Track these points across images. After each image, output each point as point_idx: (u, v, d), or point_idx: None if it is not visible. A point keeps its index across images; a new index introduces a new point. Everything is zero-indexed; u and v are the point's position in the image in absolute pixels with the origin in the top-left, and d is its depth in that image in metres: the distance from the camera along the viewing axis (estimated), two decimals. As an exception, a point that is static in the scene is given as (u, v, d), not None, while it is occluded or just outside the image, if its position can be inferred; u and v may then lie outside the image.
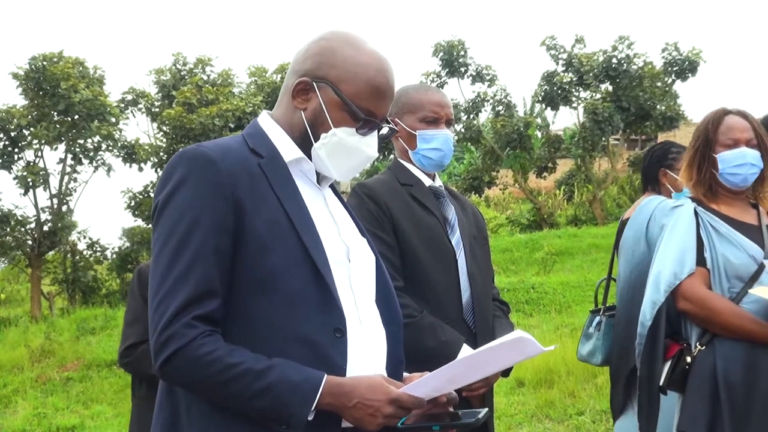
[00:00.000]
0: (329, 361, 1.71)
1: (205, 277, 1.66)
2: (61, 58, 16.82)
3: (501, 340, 1.76)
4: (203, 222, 1.67)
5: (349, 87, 1.83)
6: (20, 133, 16.78)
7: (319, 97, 1.83)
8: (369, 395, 1.67)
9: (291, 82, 1.88)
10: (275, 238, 1.72)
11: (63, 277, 17.49)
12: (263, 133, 1.88)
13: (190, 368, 1.63)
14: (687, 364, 2.86)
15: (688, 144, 3.09)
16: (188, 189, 1.70)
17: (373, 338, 1.85)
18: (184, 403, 1.71)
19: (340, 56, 1.84)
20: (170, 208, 1.70)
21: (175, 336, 1.63)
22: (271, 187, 1.77)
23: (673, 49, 19.92)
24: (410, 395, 1.71)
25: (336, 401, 1.66)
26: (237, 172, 1.73)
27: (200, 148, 1.75)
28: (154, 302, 1.67)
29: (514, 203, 25.41)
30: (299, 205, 1.79)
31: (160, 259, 1.69)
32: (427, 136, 2.86)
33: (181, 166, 1.73)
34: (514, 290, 11.37)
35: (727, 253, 2.85)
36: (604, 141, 19.96)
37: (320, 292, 1.73)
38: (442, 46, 20.05)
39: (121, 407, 8.72)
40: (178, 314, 1.63)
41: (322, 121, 1.84)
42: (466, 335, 2.72)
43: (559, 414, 6.38)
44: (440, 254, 2.78)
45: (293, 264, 1.72)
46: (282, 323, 1.70)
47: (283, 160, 1.84)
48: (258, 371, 1.63)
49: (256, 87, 19.43)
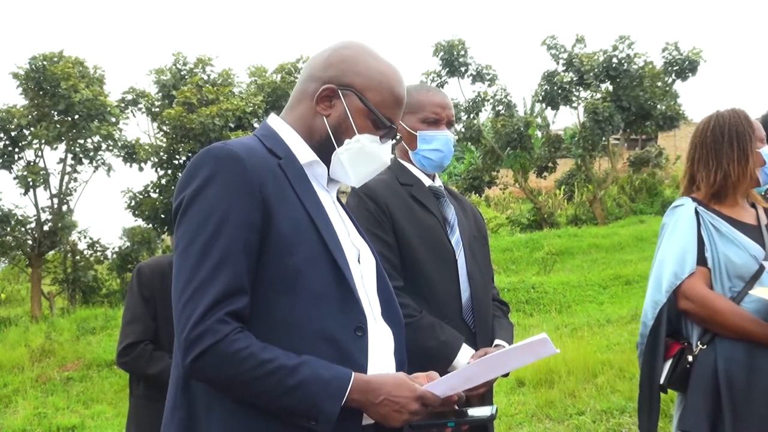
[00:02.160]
0: (351, 358, 1.73)
1: (236, 273, 1.67)
2: (62, 57, 16.82)
3: (526, 342, 1.80)
4: (233, 218, 1.68)
5: (375, 95, 1.88)
6: (20, 132, 16.78)
7: (344, 104, 1.87)
8: (396, 392, 1.70)
9: (312, 87, 1.90)
10: (299, 238, 1.74)
11: (63, 276, 17.50)
12: (277, 135, 1.90)
13: (224, 364, 1.63)
14: (688, 363, 2.87)
15: (702, 143, 3.03)
16: (216, 186, 1.70)
17: (385, 337, 1.88)
18: (203, 402, 1.71)
19: (363, 65, 1.88)
20: (197, 204, 1.71)
21: (208, 332, 1.62)
22: (292, 187, 1.79)
23: (674, 48, 19.93)
24: (433, 393, 1.74)
25: (363, 398, 1.69)
26: (262, 171, 1.75)
27: (227, 146, 1.76)
28: (182, 298, 1.66)
29: (515, 203, 25.42)
30: (319, 206, 1.82)
31: (188, 256, 1.68)
32: (428, 136, 2.86)
33: (208, 164, 1.73)
34: (514, 290, 11.37)
35: (729, 253, 2.85)
36: (604, 141, 19.97)
37: (341, 291, 1.76)
38: (442, 45, 20.06)
39: (122, 407, 8.71)
40: (210, 310, 1.63)
41: (347, 128, 1.88)
42: (465, 335, 2.72)
43: (559, 414, 6.37)
44: (440, 254, 2.78)
45: (316, 263, 1.74)
46: (305, 321, 1.71)
47: (299, 162, 1.86)
48: (290, 368, 1.64)
49: (256, 87, 19.42)
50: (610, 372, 7.01)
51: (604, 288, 11.44)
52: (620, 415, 6.04)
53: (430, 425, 1.79)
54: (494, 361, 1.86)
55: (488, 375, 1.90)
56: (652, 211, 20.19)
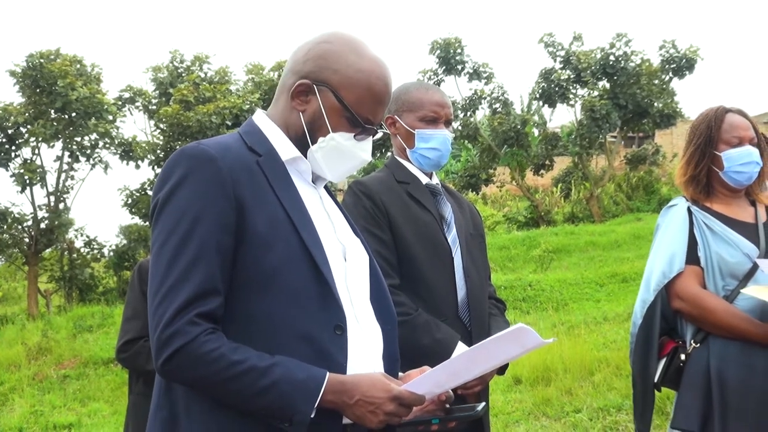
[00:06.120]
0: (330, 358, 1.71)
1: (208, 274, 1.66)
2: (59, 55, 16.80)
3: (502, 333, 1.76)
4: (205, 219, 1.67)
5: (350, 94, 1.83)
6: (17, 130, 16.77)
7: (319, 101, 1.84)
8: (370, 392, 1.68)
9: (290, 82, 1.87)
10: (275, 236, 1.72)
11: (60, 274, 17.48)
12: (260, 132, 1.88)
13: (194, 366, 1.62)
14: (681, 361, 2.88)
15: (686, 141, 3.09)
16: (189, 186, 1.69)
17: (370, 336, 1.85)
18: (183, 402, 1.70)
19: (342, 61, 1.84)
20: (171, 205, 1.70)
21: (178, 333, 1.62)
22: (270, 185, 1.77)
23: (671, 46, 19.97)
24: (411, 392, 1.71)
25: (338, 399, 1.67)
26: (237, 170, 1.73)
27: (200, 146, 1.75)
28: (155, 300, 1.66)
29: (512, 201, 25.44)
30: (298, 203, 1.80)
31: (161, 257, 1.68)
32: (426, 135, 2.86)
33: (182, 164, 1.72)
34: (511, 288, 11.37)
35: (722, 251, 2.85)
36: (601, 138, 20.01)
37: (320, 289, 1.74)
38: (438, 43, 20.07)
39: (118, 405, 8.70)
40: (180, 311, 1.63)
41: (321, 125, 1.84)
42: (461, 333, 2.72)
43: (556, 411, 6.38)
44: (436, 252, 2.78)
45: (293, 261, 1.72)
46: (283, 320, 1.70)
47: (280, 159, 1.84)
48: (262, 369, 1.63)
49: (253, 84, 19.42)
50: (606, 369, 7.02)
51: (601, 286, 11.45)
52: (617, 412, 6.05)
53: (416, 423, 1.77)
54: (476, 355, 1.80)
55: (475, 369, 1.84)
56: (649, 208, 20.22)
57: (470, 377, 1.87)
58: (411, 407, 1.73)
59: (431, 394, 1.77)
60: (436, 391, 1.78)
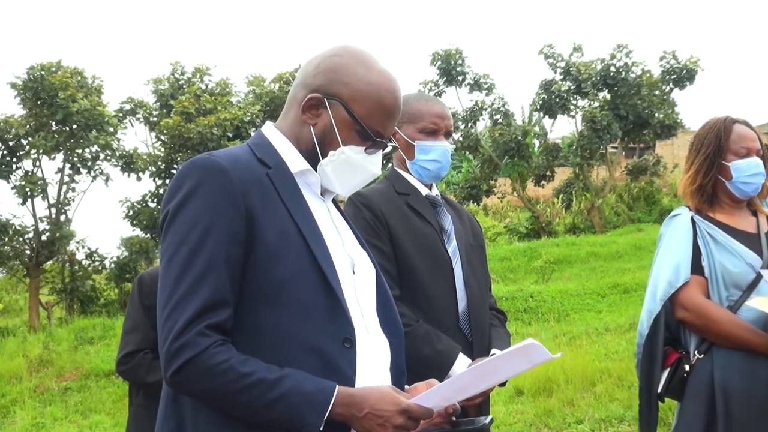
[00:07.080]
0: (339, 371, 1.71)
1: (218, 286, 1.65)
2: (60, 67, 16.86)
3: (512, 348, 1.77)
4: (215, 231, 1.67)
5: (360, 107, 1.83)
6: (18, 142, 16.81)
7: (330, 115, 1.84)
8: (379, 405, 1.67)
9: (301, 95, 1.87)
10: (285, 248, 1.72)
11: (61, 286, 17.49)
12: (269, 144, 1.88)
13: (203, 377, 1.62)
14: (685, 372, 2.87)
15: (691, 150, 3.08)
16: (200, 198, 1.69)
17: (378, 349, 1.86)
18: (190, 413, 1.70)
19: (353, 75, 1.84)
20: (181, 216, 1.70)
21: (188, 345, 1.61)
22: (280, 198, 1.77)
23: (671, 57, 20.00)
24: (420, 406, 1.71)
25: (347, 411, 1.66)
26: (247, 181, 1.73)
27: (211, 157, 1.75)
28: (165, 311, 1.66)
29: (513, 212, 25.45)
30: (307, 215, 1.80)
31: (171, 268, 1.68)
32: (426, 147, 2.86)
33: (192, 175, 1.72)
34: (512, 299, 11.36)
35: (725, 262, 2.85)
36: (602, 149, 20.01)
37: (329, 302, 1.73)
38: (439, 54, 20.11)
39: (120, 417, 8.67)
40: (190, 323, 1.62)
41: (332, 139, 1.84)
42: (462, 344, 2.71)
43: (557, 423, 6.37)
44: (436, 263, 2.77)
45: (303, 274, 1.72)
46: (292, 333, 1.70)
47: (289, 171, 1.84)
48: (271, 381, 1.63)
49: (254, 96, 19.46)
50: (608, 380, 7.00)
51: (603, 296, 11.44)
52: (619, 423, 6.04)
53: None
54: (486, 370, 1.82)
55: (482, 384, 1.86)
56: (650, 219, 20.22)
57: (477, 391, 1.88)
58: (419, 420, 1.72)
59: (438, 407, 1.77)
60: (443, 404, 1.78)
